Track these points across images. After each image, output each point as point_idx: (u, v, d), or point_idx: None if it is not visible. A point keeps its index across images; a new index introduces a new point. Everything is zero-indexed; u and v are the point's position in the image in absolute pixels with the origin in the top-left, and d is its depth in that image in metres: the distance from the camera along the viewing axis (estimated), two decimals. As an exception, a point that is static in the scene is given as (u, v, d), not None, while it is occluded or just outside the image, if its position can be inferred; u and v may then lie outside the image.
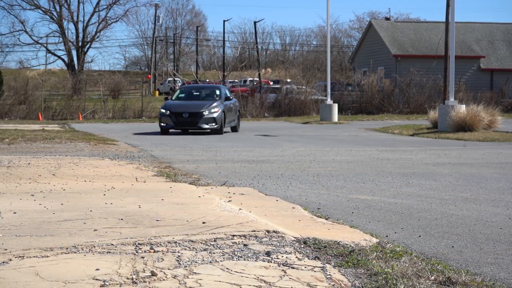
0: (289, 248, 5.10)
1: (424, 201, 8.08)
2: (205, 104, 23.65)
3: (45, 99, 44.23)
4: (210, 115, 23.24)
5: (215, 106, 23.44)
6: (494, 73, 48.97)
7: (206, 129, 23.29)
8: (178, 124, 23.32)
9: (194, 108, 23.48)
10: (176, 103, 24.08)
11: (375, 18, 72.36)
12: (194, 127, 23.32)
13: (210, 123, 23.23)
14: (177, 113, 23.21)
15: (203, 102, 24.13)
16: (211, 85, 29.29)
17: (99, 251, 4.81)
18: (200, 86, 28.46)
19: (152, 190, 8.20)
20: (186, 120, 23.21)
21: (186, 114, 23.22)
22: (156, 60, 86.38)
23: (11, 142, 17.31)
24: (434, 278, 4.42)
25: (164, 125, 23.43)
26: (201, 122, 23.17)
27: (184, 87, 28.35)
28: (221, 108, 23.45)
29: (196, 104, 23.89)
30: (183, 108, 23.53)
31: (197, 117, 23.19)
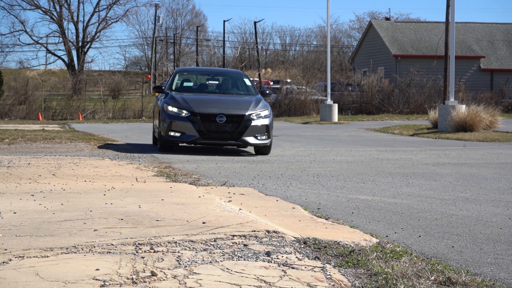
0: (289, 248, 5.10)
1: (424, 201, 8.08)
2: (243, 101, 14.80)
3: (45, 99, 44.25)
4: (259, 120, 14.32)
5: (261, 106, 14.65)
6: (494, 73, 48.97)
7: (252, 145, 14.42)
8: (207, 135, 14.15)
9: (231, 106, 14.52)
10: (195, 98, 14.91)
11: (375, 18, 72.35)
12: (233, 141, 14.27)
13: (260, 134, 14.25)
14: (206, 115, 14.11)
15: (235, 97, 15.32)
16: (230, 70, 18.40)
17: (99, 251, 4.81)
18: (215, 71, 18.83)
19: (152, 190, 8.21)
20: (222, 128, 14.10)
21: (222, 117, 14.07)
22: (156, 60, 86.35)
23: (11, 142, 17.32)
24: (434, 278, 4.42)
25: (177, 136, 14.27)
26: (248, 134, 14.12)
27: (186, 70, 18.70)
28: (268, 109, 14.84)
29: (229, 100, 14.95)
30: (214, 105, 14.43)
31: (241, 125, 14.15)
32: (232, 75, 16.85)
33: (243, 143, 14.29)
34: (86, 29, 74.57)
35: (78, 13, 74.78)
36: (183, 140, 14.31)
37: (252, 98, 15.09)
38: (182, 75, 16.61)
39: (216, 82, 16.56)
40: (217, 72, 18.01)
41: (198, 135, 14.13)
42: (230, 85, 16.28)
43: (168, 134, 14.31)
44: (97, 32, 74.53)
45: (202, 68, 22.73)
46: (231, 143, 14.42)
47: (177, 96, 14.85)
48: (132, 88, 67.81)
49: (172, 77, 16.20)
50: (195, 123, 14.15)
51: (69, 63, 73.06)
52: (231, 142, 14.32)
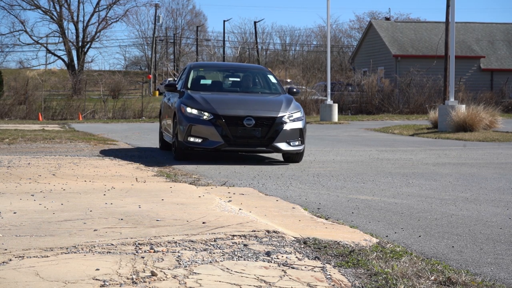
0: (289, 248, 5.10)
1: (424, 201, 8.08)
2: (273, 102, 13.03)
3: (45, 99, 44.26)
4: (292, 124, 12.56)
5: (294, 107, 12.86)
6: (494, 73, 48.98)
7: (284, 153, 12.70)
8: (233, 141, 12.28)
9: (259, 107, 12.66)
10: (217, 97, 12.99)
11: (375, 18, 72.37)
12: (263, 148, 12.43)
13: (293, 140, 12.51)
14: (232, 117, 12.29)
15: (262, 97, 13.43)
16: (252, 66, 16.73)
17: (99, 251, 4.81)
18: (235, 66, 16.51)
19: (152, 190, 8.20)
20: (250, 133, 12.28)
21: (251, 120, 12.26)
22: (156, 60, 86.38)
23: (11, 142, 17.32)
24: (434, 278, 4.42)
25: (198, 142, 12.35)
26: (280, 139, 12.35)
27: (202, 65, 15.83)
28: (301, 110, 13.01)
29: (256, 100, 13.09)
30: (240, 106, 12.60)
31: (272, 129, 12.35)
32: (254, 71, 14.84)
33: (274, 150, 12.42)
34: (86, 29, 74.59)
35: (78, 13, 74.82)
36: (205, 147, 12.32)
37: (281, 97, 13.29)
38: (197, 71, 14.56)
39: (237, 79, 14.55)
40: (238, 68, 15.68)
41: (222, 141, 12.18)
42: (253, 82, 14.41)
43: (187, 140, 12.34)
44: (97, 32, 74.55)
45: (220, 63, 20.07)
46: (260, 150, 12.49)
47: (196, 96, 12.89)
48: (132, 88, 67.81)
49: (187, 74, 14.19)
50: (219, 127, 12.22)
51: (69, 63, 73.08)
52: (261, 149, 12.44)
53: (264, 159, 13.62)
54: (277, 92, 13.91)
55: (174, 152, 12.91)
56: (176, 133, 12.70)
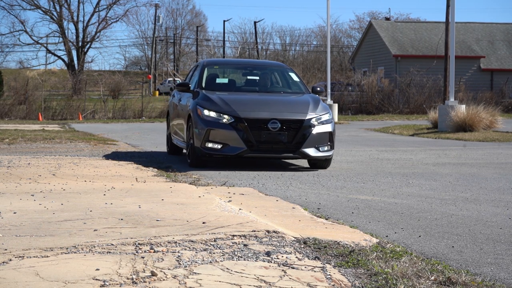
0: (289, 248, 5.10)
1: (424, 201, 8.09)
2: (298, 102, 12.02)
3: (45, 99, 44.27)
4: (321, 127, 11.54)
5: (322, 109, 11.79)
6: (494, 73, 48.99)
7: (313, 159, 11.64)
8: (257, 147, 11.24)
9: (285, 108, 11.63)
10: (237, 98, 11.96)
11: (375, 18, 72.39)
12: (290, 154, 11.39)
13: (322, 145, 11.48)
14: (255, 121, 11.27)
15: (286, 97, 12.40)
16: (271, 63, 15.00)
17: (99, 251, 4.81)
18: (253, 63, 15.54)
19: (152, 190, 8.20)
20: (276, 137, 11.25)
21: (276, 123, 11.25)
22: (156, 60, 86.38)
23: (11, 142, 17.32)
24: (434, 278, 4.42)
25: (218, 148, 11.28)
26: (308, 144, 11.34)
27: (216, 62, 14.46)
28: (329, 111, 11.94)
29: (280, 100, 12.02)
30: (263, 108, 11.54)
31: (300, 133, 11.33)
32: (274, 68, 13.65)
33: (302, 156, 11.39)
34: (86, 29, 74.61)
35: (78, 13, 74.84)
36: (225, 153, 11.26)
37: (307, 97, 12.20)
38: (212, 69, 13.34)
39: (255, 77, 13.39)
40: (256, 65, 14.50)
41: (245, 146, 11.15)
42: (274, 81, 13.30)
43: (204, 145, 11.26)
44: (97, 32, 74.57)
45: (236, 60, 18.71)
46: (286, 156, 11.48)
47: (214, 97, 11.77)
48: (132, 88, 67.82)
49: (200, 72, 13.01)
50: (241, 131, 11.18)
51: (69, 63, 73.09)
52: (287, 155, 11.41)
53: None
54: (300, 91, 12.85)
55: (189, 159, 11.80)
56: (191, 138, 11.62)
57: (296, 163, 12.88)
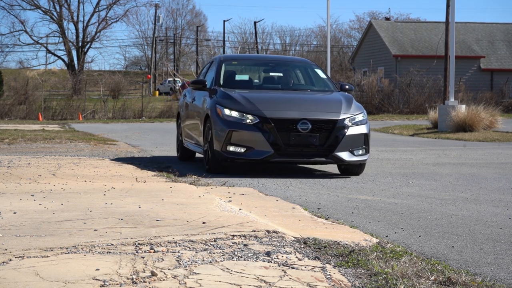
0: (289, 248, 5.10)
1: (424, 201, 8.09)
2: (330, 101, 11.00)
3: (45, 99, 44.29)
4: (356, 128, 10.60)
5: (355, 108, 10.83)
6: (494, 73, 49.00)
7: (347, 164, 10.57)
8: (285, 150, 10.22)
9: (315, 108, 10.62)
10: (261, 96, 10.93)
11: (375, 18, 72.41)
12: (322, 158, 10.40)
13: (357, 148, 10.52)
14: (283, 121, 10.26)
15: (315, 95, 11.39)
16: (294, 58, 14.48)
17: (99, 251, 4.81)
18: (274, 59, 14.13)
19: (152, 190, 8.20)
20: (306, 140, 10.25)
21: (306, 124, 10.25)
22: (156, 60, 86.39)
23: (11, 142, 17.32)
24: (434, 278, 4.42)
25: (241, 152, 10.27)
26: (342, 147, 10.35)
27: (235, 58, 13.67)
28: (364, 111, 10.99)
29: (309, 99, 11.03)
30: (291, 107, 10.54)
31: (333, 134, 10.34)
32: (298, 64, 12.58)
33: (335, 160, 10.37)
34: (86, 29, 74.63)
35: (78, 13, 74.89)
36: (249, 157, 10.24)
37: (338, 95, 11.15)
38: (230, 65, 12.26)
39: (279, 74, 12.25)
40: (278, 61, 13.27)
41: (272, 150, 10.12)
42: (299, 78, 12.22)
43: (226, 149, 10.27)
44: (97, 32, 74.59)
45: (255, 55, 16.60)
46: (318, 161, 10.48)
47: (235, 95, 10.74)
48: (132, 88, 67.83)
49: (217, 68, 11.85)
50: (267, 133, 10.16)
51: (69, 63, 73.11)
52: (319, 159, 10.41)
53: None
54: (328, 89, 11.73)
55: (207, 164, 10.78)
56: (210, 141, 10.58)
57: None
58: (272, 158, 10.23)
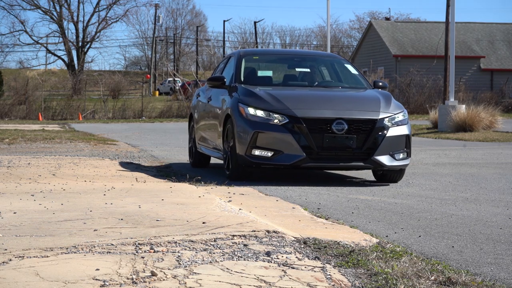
0: (289, 248, 5.10)
1: (424, 201, 8.09)
2: (367, 99, 10.03)
3: (45, 99, 44.31)
4: (396, 129, 9.58)
5: (395, 106, 9.84)
6: (494, 73, 49.01)
7: (387, 169, 9.57)
8: (318, 154, 9.24)
9: (351, 106, 9.66)
10: (290, 94, 9.97)
11: (375, 18, 72.43)
12: (360, 163, 9.40)
13: (398, 151, 9.52)
14: (315, 121, 9.29)
15: (348, 93, 10.48)
16: (320, 53, 13.74)
17: (99, 251, 4.81)
18: (300, 54, 13.10)
19: (152, 190, 8.20)
20: (342, 142, 9.27)
21: (342, 124, 9.27)
22: (156, 60, 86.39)
23: (11, 142, 17.32)
24: (434, 278, 4.42)
25: (268, 157, 9.30)
26: (381, 150, 9.37)
27: (256, 52, 13.09)
28: (404, 110, 9.93)
29: (343, 96, 10.16)
30: (324, 105, 9.58)
31: (372, 136, 9.36)
32: (326, 59, 11.52)
33: (375, 165, 9.38)
34: (86, 29, 74.66)
35: (78, 13, 74.91)
36: (277, 163, 9.26)
37: (375, 93, 10.15)
38: (251, 60, 11.20)
39: (306, 69, 11.11)
40: (304, 56, 12.17)
41: (303, 154, 9.11)
42: (328, 74, 11.16)
43: (250, 153, 9.28)
44: (97, 32, 74.62)
45: (278, 50, 14.98)
46: (355, 166, 9.48)
47: (260, 92, 9.74)
48: (132, 88, 67.85)
49: (236, 64, 10.77)
50: (297, 134, 9.16)
51: (69, 63, 73.14)
52: (356, 164, 9.38)
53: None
54: (361, 86, 10.69)
55: (228, 170, 9.79)
56: (232, 144, 9.59)
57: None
58: (303, 163, 9.22)
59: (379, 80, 10.80)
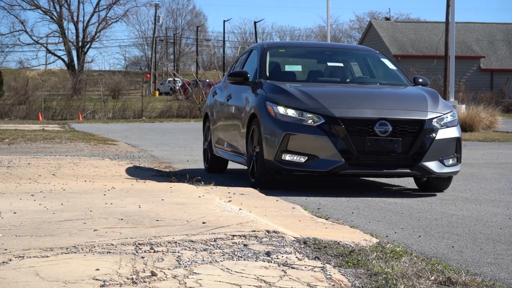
0: (289, 248, 5.10)
1: (424, 201, 8.09)
2: (411, 96, 9.01)
3: (45, 99, 44.33)
4: (446, 131, 8.57)
5: (443, 106, 8.82)
6: (494, 73, 49.03)
7: (435, 176, 8.59)
8: (358, 160, 8.22)
9: (395, 105, 8.61)
10: (324, 91, 8.95)
11: (375, 18, 72.45)
12: (407, 170, 8.38)
13: (447, 156, 8.52)
14: (356, 122, 8.25)
15: (390, 90, 9.40)
16: (353, 46, 12.18)
17: (99, 251, 4.81)
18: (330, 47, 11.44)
19: (152, 190, 8.20)
20: (385, 146, 8.22)
21: (386, 126, 8.23)
22: (156, 60, 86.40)
23: (11, 142, 17.32)
24: (434, 278, 4.42)
25: (301, 162, 8.31)
26: (430, 156, 8.33)
27: (281, 45, 11.89)
28: (453, 110, 8.92)
29: (385, 94, 9.15)
30: (365, 103, 8.53)
31: (419, 139, 8.32)
32: (360, 53, 10.47)
33: (422, 172, 8.38)
34: (86, 29, 74.69)
35: (78, 13, 74.96)
36: (312, 169, 8.29)
37: (419, 90, 9.16)
38: (276, 54, 10.20)
39: (338, 64, 10.09)
40: (335, 49, 10.88)
41: (342, 159, 8.14)
42: (363, 69, 10.14)
43: (281, 158, 8.34)
44: (97, 32, 74.65)
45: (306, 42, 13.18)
46: (400, 173, 8.48)
47: (291, 89, 8.74)
48: (132, 88, 67.87)
49: (260, 57, 9.77)
50: (334, 137, 8.16)
51: (69, 63, 73.16)
52: (402, 171, 8.39)
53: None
54: (401, 82, 9.71)
55: (254, 177, 8.91)
56: (258, 148, 8.67)
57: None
58: (341, 170, 8.22)
59: (419, 76, 9.88)
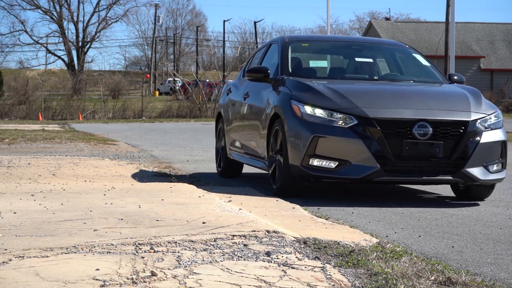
0: (289, 248, 5.10)
1: (424, 201, 8.08)
2: (452, 95, 8.10)
3: (45, 99, 44.34)
4: (491, 133, 7.68)
5: (486, 106, 8.00)
6: (494, 73, 49.05)
7: (478, 183, 7.73)
8: (394, 165, 7.36)
9: (435, 105, 7.67)
10: (356, 88, 8.08)
11: (375, 18, 72.48)
12: (449, 177, 7.52)
13: (492, 162, 7.66)
14: (392, 122, 7.36)
15: (427, 88, 8.50)
16: (381, 40, 11.35)
17: (99, 251, 4.81)
18: (357, 41, 10.53)
19: (152, 190, 8.20)
20: (425, 150, 7.34)
21: (426, 127, 7.35)
22: (156, 60, 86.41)
23: (11, 142, 17.32)
24: (434, 278, 4.42)
25: (331, 168, 7.47)
26: (474, 161, 7.47)
27: (303, 39, 10.72)
28: (497, 110, 8.11)
29: (422, 92, 8.25)
30: (402, 102, 7.66)
31: (462, 143, 7.45)
32: (390, 48, 9.55)
33: (465, 179, 7.60)
34: (86, 29, 74.72)
35: (78, 13, 74.98)
36: (343, 176, 7.53)
37: (458, 89, 8.35)
38: (299, 48, 9.39)
39: (367, 59, 9.17)
40: (364, 43, 10.02)
41: (377, 165, 7.34)
42: (394, 65, 9.31)
43: (308, 163, 7.56)
44: (97, 32, 74.68)
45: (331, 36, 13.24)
46: (442, 180, 7.66)
47: (318, 86, 7.92)
48: (132, 88, 67.88)
49: (281, 52, 8.90)
50: (368, 139, 7.36)
51: (69, 63, 73.17)
52: (443, 178, 7.59)
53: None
54: (436, 80, 8.87)
55: (276, 184, 8.16)
56: (283, 152, 7.86)
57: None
58: (376, 177, 7.42)
59: (455, 73, 9.11)
